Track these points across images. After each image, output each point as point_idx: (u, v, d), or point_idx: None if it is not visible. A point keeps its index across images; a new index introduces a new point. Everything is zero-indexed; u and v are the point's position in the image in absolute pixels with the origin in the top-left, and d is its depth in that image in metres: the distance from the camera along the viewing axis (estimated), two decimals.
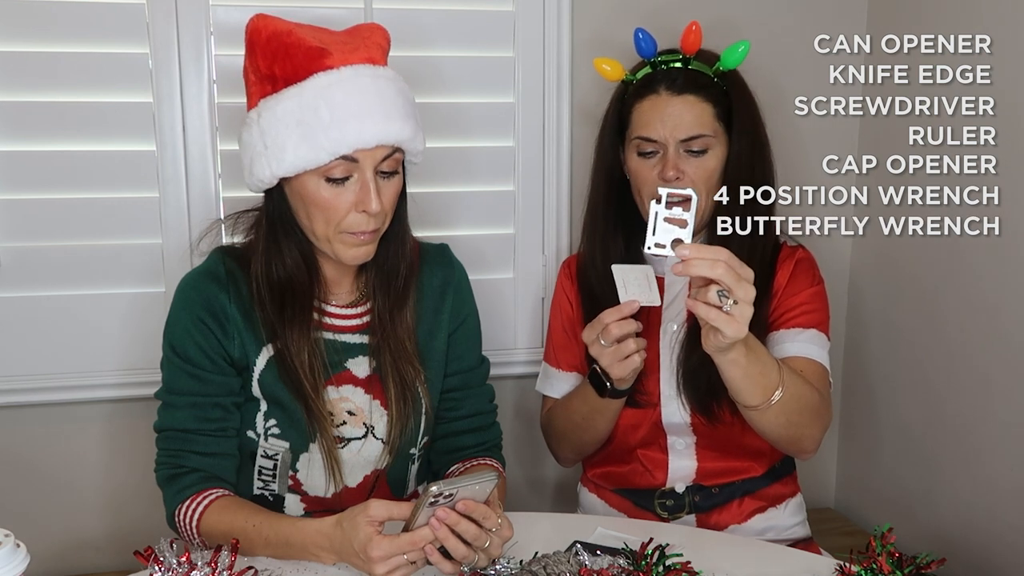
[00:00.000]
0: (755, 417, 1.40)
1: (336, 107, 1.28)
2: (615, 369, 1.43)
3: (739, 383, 1.35)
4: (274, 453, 1.42)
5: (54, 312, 1.80)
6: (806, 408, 1.42)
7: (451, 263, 1.54)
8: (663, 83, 1.53)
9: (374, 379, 1.44)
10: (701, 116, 1.51)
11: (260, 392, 1.41)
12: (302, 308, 1.40)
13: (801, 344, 1.53)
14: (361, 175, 1.32)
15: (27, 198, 1.77)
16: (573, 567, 1.17)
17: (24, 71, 1.73)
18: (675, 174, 1.49)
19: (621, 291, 1.39)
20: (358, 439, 1.43)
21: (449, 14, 1.88)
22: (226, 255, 1.44)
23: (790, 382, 1.38)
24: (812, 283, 1.59)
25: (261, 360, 1.40)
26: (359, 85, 1.31)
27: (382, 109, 1.31)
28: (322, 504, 1.44)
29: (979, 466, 1.78)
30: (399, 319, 1.44)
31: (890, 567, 1.14)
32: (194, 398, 1.38)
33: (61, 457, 1.87)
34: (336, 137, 1.28)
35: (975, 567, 1.77)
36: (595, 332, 1.41)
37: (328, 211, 1.32)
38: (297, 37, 1.31)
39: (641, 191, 1.55)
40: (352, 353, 1.44)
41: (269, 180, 1.34)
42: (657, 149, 1.53)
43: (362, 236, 1.34)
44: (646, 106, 1.54)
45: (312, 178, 1.31)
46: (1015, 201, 1.39)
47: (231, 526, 1.29)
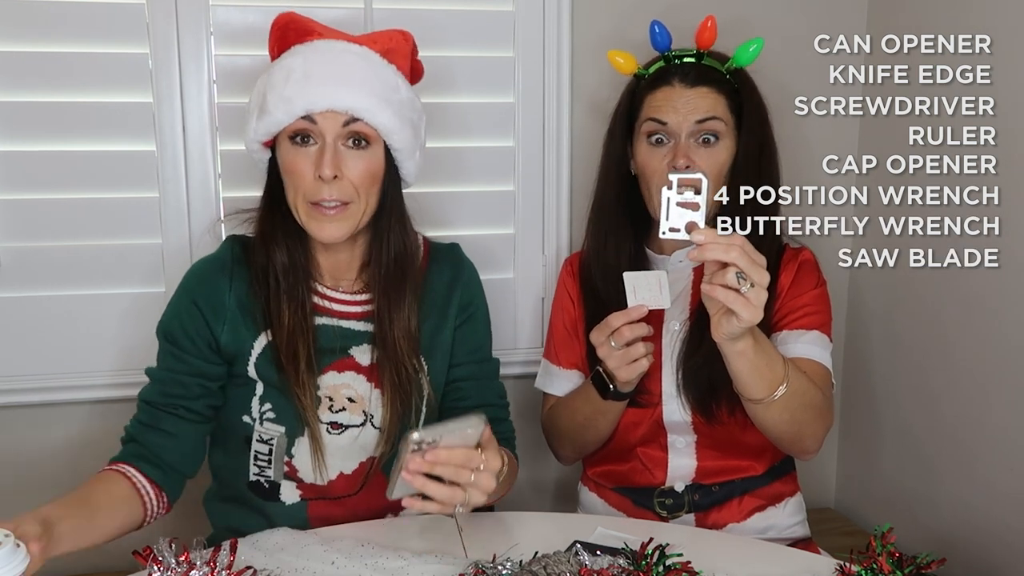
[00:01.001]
0: (759, 412, 1.40)
1: (295, 69, 1.36)
2: (622, 372, 1.43)
3: (745, 375, 1.35)
4: (269, 438, 1.43)
5: (54, 312, 1.81)
6: (810, 405, 1.43)
7: (461, 261, 1.57)
8: (676, 75, 1.54)
9: (376, 368, 1.45)
10: (715, 104, 1.52)
11: (256, 375, 1.43)
12: (299, 291, 1.43)
13: (804, 345, 1.53)
14: (321, 140, 1.36)
15: (27, 198, 1.77)
16: (573, 567, 1.17)
17: (24, 71, 1.73)
18: (685, 162, 1.49)
19: (631, 296, 1.39)
20: (356, 426, 1.44)
21: (449, 14, 1.88)
22: (236, 242, 1.48)
23: (795, 378, 1.38)
24: (815, 284, 1.59)
25: (258, 345, 1.42)
26: (326, 56, 1.38)
27: (339, 76, 1.36)
28: (317, 491, 1.45)
29: (979, 466, 1.78)
30: (397, 316, 1.45)
31: (890, 567, 1.14)
32: (164, 373, 1.43)
33: (60, 457, 1.87)
34: (289, 96, 1.34)
35: (975, 567, 1.77)
36: (604, 335, 1.41)
37: (293, 175, 1.37)
38: (303, 22, 1.42)
39: (650, 182, 1.54)
40: (357, 340, 1.46)
41: (252, 146, 1.42)
42: (667, 137, 1.53)
43: (326, 210, 1.36)
44: (659, 96, 1.54)
45: (284, 140, 1.38)
46: (1015, 201, 1.39)
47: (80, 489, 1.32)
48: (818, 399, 1.45)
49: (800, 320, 1.55)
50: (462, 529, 1.24)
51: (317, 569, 1.26)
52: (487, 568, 1.19)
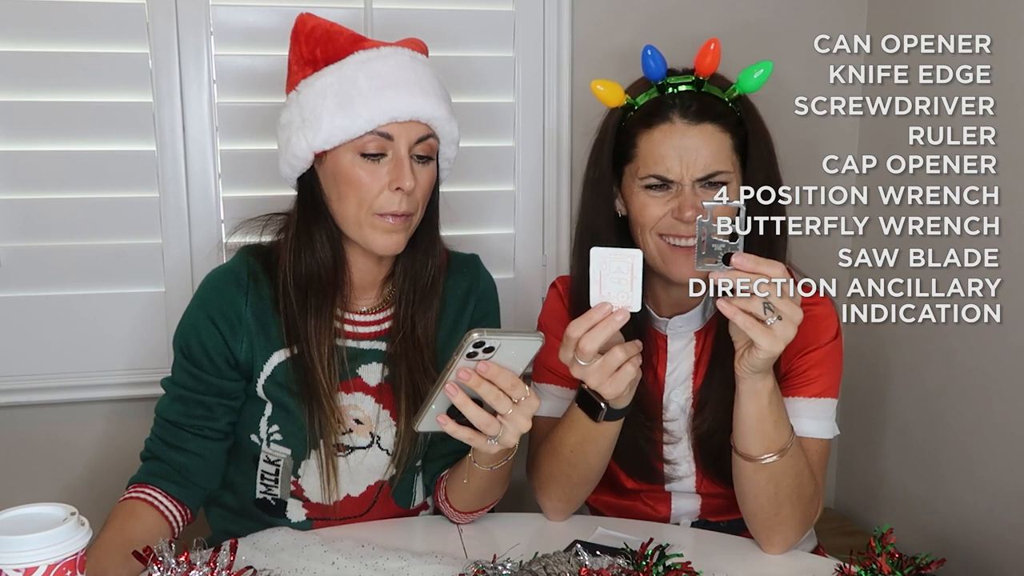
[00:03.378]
0: (746, 472, 1.30)
1: (374, 77, 1.30)
2: (606, 388, 1.24)
3: (751, 421, 1.27)
4: (276, 459, 1.41)
5: (54, 312, 1.81)
6: (798, 493, 1.31)
7: (478, 272, 1.53)
8: (676, 109, 1.35)
9: (385, 388, 1.42)
10: (719, 150, 1.35)
11: (265, 395, 1.40)
12: (327, 306, 1.38)
13: (810, 422, 1.38)
14: (396, 153, 1.31)
15: (27, 198, 1.77)
16: (573, 567, 1.16)
17: (24, 71, 1.74)
18: (693, 213, 1.31)
19: (594, 287, 1.19)
20: (362, 448, 1.42)
21: (449, 14, 1.88)
22: (251, 255, 1.43)
23: (796, 456, 1.30)
24: (832, 338, 1.42)
25: (271, 364, 1.39)
26: (398, 61, 1.33)
27: (419, 84, 1.33)
28: (323, 511, 1.43)
29: (979, 467, 1.78)
30: (421, 326, 1.42)
31: (890, 567, 1.14)
32: (183, 392, 1.39)
33: (60, 457, 1.87)
34: (374, 105, 1.29)
35: (975, 567, 1.77)
36: (569, 352, 1.22)
37: (361, 189, 1.31)
38: (339, 27, 1.37)
39: (645, 228, 1.37)
40: (366, 359, 1.42)
41: (304, 155, 1.33)
42: (668, 184, 1.35)
43: (393, 220, 1.32)
44: (657, 137, 1.35)
45: (346, 154, 1.31)
46: (1015, 201, 1.38)
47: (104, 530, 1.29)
48: (809, 492, 1.33)
49: (807, 386, 1.39)
50: (462, 530, 1.23)
51: (317, 569, 1.26)
52: (487, 568, 1.19)
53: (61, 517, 1.01)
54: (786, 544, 1.35)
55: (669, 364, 1.46)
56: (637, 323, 1.41)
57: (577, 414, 1.33)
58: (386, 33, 1.53)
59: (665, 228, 1.36)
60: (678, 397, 1.45)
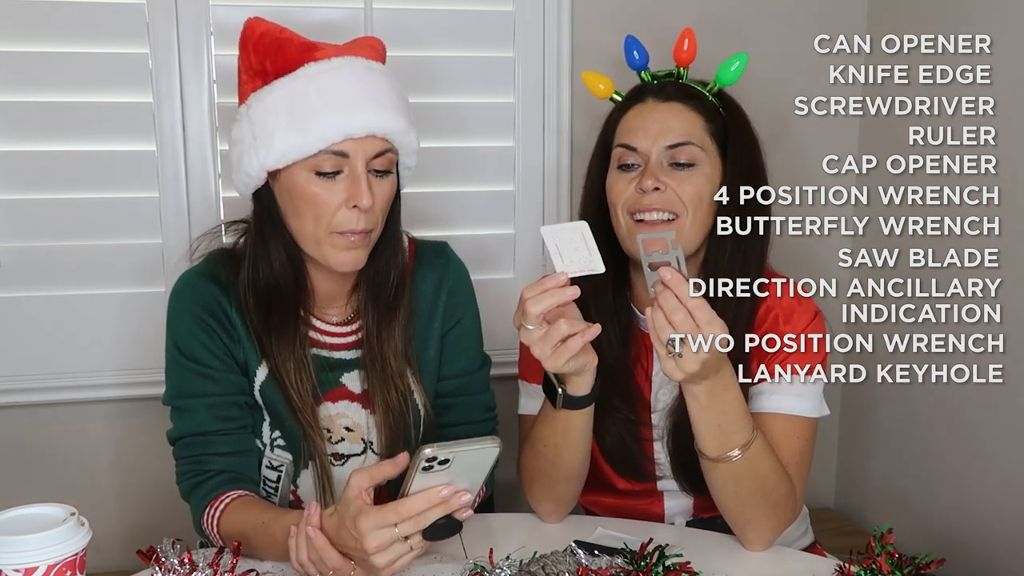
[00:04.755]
0: (705, 469, 1.29)
1: (326, 93, 1.25)
2: (548, 361, 1.20)
3: (696, 423, 1.26)
4: (279, 464, 1.40)
5: (54, 312, 1.81)
6: (763, 493, 1.28)
7: (447, 263, 1.47)
8: (650, 92, 1.41)
9: (368, 394, 1.41)
10: (689, 126, 1.37)
11: (262, 402, 1.39)
12: (289, 319, 1.35)
13: (792, 399, 1.36)
14: (352, 169, 1.27)
15: (27, 198, 1.77)
16: (572, 567, 1.16)
17: (24, 71, 1.74)
18: (653, 183, 1.33)
19: (556, 259, 1.18)
20: (358, 455, 1.41)
21: (449, 14, 1.88)
22: (223, 260, 1.40)
23: (757, 457, 1.26)
24: (807, 325, 1.41)
25: (261, 373, 1.37)
26: (352, 73, 1.28)
27: (374, 98, 1.27)
28: None
29: (979, 467, 1.78)
30: (387, 335, 1.39)
31: (889, 567, 1.14)
32: (211, 399, 1.34)
33: (60, 457, 1.87)
34: (326, 123, 1.24)
35: (975, 568, 1.77)
36: (519, 315, 1.20)
37: (318, 207, 1.27)
38: (290, 34, 1.30)
39: (616, 206, 1.38)
40: (348, 368, 1.41)
41: (257, 174, 1.30)
42: (638, 162, 1.37)
43: (352, 237, 1.29)
44: (631, 115, 1.40)
45: (301, 172, 1.27)
46: (1015, 201, 1.39)
47: (243, 525, 1.25)
48: (778, 493, 1.29)
49: (786, 363, 1.31)
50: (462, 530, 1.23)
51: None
52: (487, 568, 1.19)
53: (61, 517, 1.01)
54: (762, 542, 1.33)
55: (656, 362, 1.45)
56: (624, 321, 1.44)
57: (547, 405, 1.32)
58: (386, 33, 1.52)
59: (631, 203, 1.36)
60: (665, 396, 1.45)
